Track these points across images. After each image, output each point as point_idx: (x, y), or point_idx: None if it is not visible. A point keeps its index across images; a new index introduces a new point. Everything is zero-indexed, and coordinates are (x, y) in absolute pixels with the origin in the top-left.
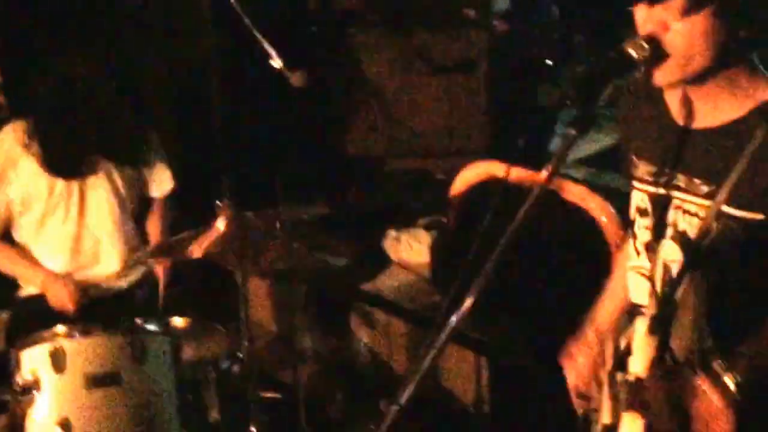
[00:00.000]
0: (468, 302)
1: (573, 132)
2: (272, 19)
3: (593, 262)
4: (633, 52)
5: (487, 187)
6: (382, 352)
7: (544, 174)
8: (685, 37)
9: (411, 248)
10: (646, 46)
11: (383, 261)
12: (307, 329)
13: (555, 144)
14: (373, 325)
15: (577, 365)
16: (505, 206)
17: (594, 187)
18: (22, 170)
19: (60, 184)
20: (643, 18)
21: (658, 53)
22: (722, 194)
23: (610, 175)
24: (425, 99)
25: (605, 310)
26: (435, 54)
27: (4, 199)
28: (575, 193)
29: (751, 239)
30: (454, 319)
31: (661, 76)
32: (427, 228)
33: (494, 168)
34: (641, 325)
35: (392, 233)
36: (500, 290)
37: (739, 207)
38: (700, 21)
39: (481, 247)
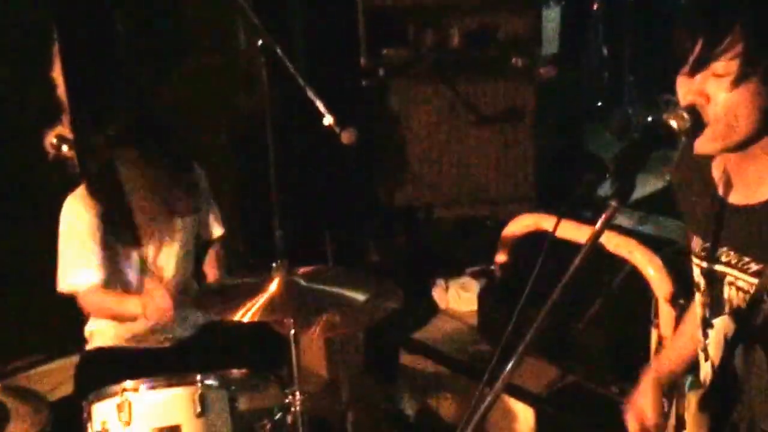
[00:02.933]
0: (518, 358)
1: (614, 203)
2: (325, 72)
3: (641, 310)
4: (674, 124)
5: (535, 236)
6: (430, 401)
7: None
8: (730, 106)
9: (459, 297)
10: (687, 116)
11: (432, 310)
12: (356, 376)
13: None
14: (421, 373)
15: (638, 411)
16: (552, 255)
17: (641, 234)
18: (98, 230)
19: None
20: (684, 89)
21: (699, 124)
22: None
23: (659, 219)
24: (473, 148)
25: (667, 358)
26: (481, 103)
27: (106, 240)
28: (620, 245)
29: None
30: (505, 372)
31: (702, 146)
32: (475, 277)
33: (542, 221)
34: (693, 399)
35: (440, 282)
36: (548, 338)
37: None
38: (747, 89)
39: (529, 298)
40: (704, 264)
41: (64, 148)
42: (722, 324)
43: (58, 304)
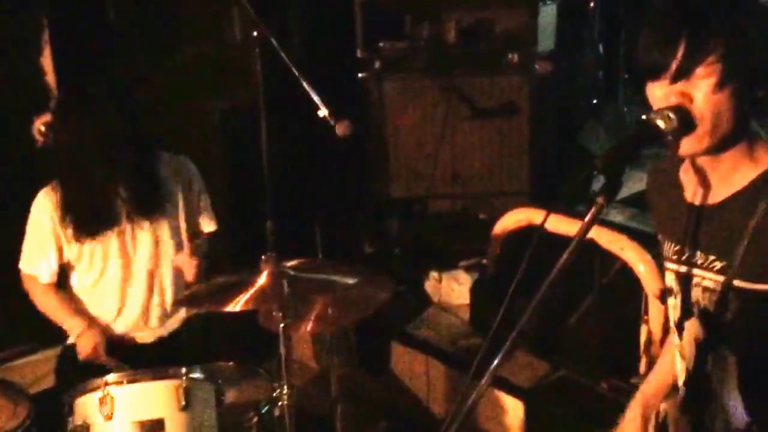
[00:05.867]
0: (506, 349)
1: (601, 200)
2: (320, 65)
3: (631, 306)
4: (661, 123)
5: (528, 231)
6: (421, 393)
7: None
8: (714, 106)
9: (452, 290)
10: (673, 116)
11: (424, 302)
12: (346, 368)
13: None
14: (413, 366)
15: None
16: (545, 249)
17: (633, 231)
18: (58, 230)
19: (99, 240)
20: (665, 93)
21: (685, 123)
22: (732, 270)
23: (650, 216)
24: (468, 142)
25: (653, 386)
26: (477, 98)
27: (60, 245)
28: (612, 241)
29: None
30: (494, 364)
31: (689, 147)
32: (468, 270)
33: (535, 215)
34: (672, 404)
35: (433, 275)
36: (538, 333)
37: (750, 280)
38: (728, 90)
39: (519, 291)
40: (675, 267)
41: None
42: (692, 326)
43: None
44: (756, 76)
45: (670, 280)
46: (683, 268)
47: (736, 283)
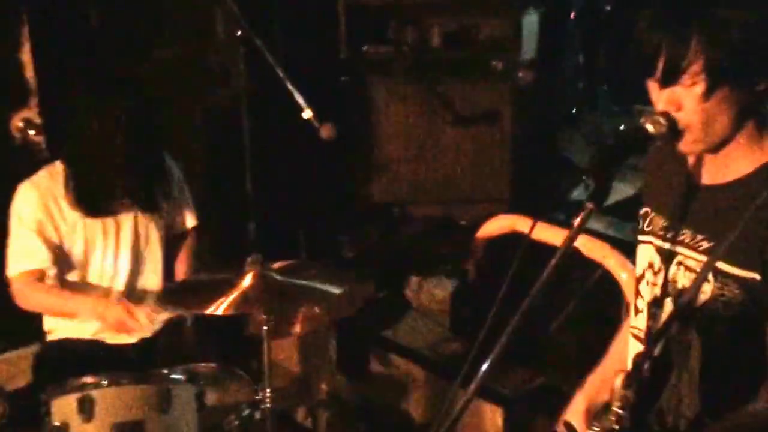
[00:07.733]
0: (491, 361)
1: (591, 206)
2: (304, 66)
3: (612, 313)
4: (651, 127)
5: (508, 236)
6: (401, 399)
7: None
8: (702, 115)
9: (432, 295)
10: (663, 121)
11: (404, 307)
12: (327, 372)
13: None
14: (392, 371)
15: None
16: (525, 255)
17: (613, 239)
18: (64, 209)
19: (96, 224)
20: (655, 96)
21: (675, 129)
22: (720, 250)
23: (631, 226)
24: (449, 147)
25: (601, 376)
26: (460, 103)
27: (51, 236)
28: (595, 249)
29: (747, 302)
30: (480, 375)
31: (686, 147)
32: (449, 276)
33: (518, 222)
34: (619, 377)
35: (414, 280)
36: (518, 341)
37: (736, 265)
38: (717, 97)
39: (502, 298)
40: (661, 243)
41: (31, 132)
42: (667, 306)
43: None
44: (751, 73)
45: (652, 256)
46: (669, 245)
47: (719, 264)
